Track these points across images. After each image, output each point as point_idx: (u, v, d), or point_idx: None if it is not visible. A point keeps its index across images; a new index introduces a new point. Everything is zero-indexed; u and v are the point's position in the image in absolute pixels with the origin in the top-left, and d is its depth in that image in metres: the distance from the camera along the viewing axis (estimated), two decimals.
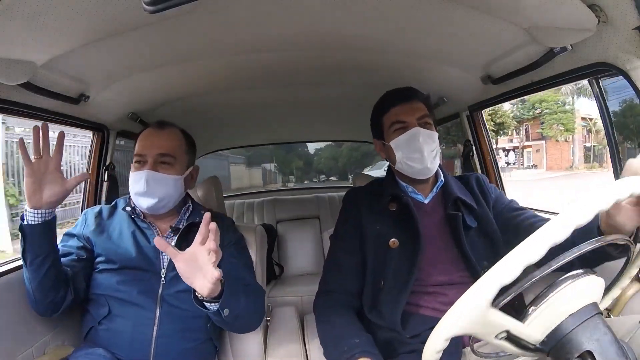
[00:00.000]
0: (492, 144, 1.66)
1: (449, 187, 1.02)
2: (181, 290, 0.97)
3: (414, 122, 0.99)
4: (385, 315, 0.93)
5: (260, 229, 1.29)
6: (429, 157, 0.98)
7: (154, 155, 1.00)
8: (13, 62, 0.81)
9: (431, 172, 1.01)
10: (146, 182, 0.97)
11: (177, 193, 1.04)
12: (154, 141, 1.02)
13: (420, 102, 1.01)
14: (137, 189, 0.99)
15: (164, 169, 1.01)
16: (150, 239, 1.01)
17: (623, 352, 0.42)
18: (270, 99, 1.72)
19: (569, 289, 0.44)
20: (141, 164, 1.01)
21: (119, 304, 0.95)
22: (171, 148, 1.03)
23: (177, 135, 1.07)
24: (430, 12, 0.89)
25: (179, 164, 1.03)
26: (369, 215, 1.02)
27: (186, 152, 1.07)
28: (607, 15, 0.73)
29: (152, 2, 0.54)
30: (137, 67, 1.12)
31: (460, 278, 0.94)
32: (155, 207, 1.00)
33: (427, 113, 1.01)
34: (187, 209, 1.10)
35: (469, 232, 0.96)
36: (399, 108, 1.01)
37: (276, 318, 1.31)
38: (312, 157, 9.66)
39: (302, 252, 2.34)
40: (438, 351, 0.43)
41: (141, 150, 1.01)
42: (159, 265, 1.00)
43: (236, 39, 1.01)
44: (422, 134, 0.98)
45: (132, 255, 0.98)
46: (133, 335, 0.93)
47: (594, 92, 1.06)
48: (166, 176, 1.00)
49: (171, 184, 1.01)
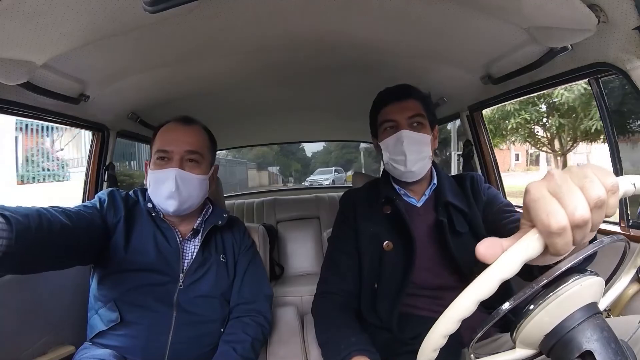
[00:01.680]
0: (492, 144, 1.66)
1: (442, 190, 1.01)
2: (198, 296, 0.95)
3: (404, 122, 0.98)
4: (382, 316, 0.93)
5: (262, 229, 1.29)
6: (413, 160, 0.96)
7: (182, 152, 0.92)
8: (13, 62, 0.81)
9: (416, 176, 0.99)
10: (175, 183, 0.90)
11: (202, 194, 0.98)
12: (180, 137, 0.94)
13: (414, 101, 1.00)
14: (165, 191, 0.90)
15: (190, 167, 0.94)
16: (170, 241, 0.95)
17: (623, 352, 0.41)
18: (271, 99, 1.72)
19: (569, 289, 0.44)
20: (165, 161, 0.92)
21: (133, 308, 0.90)
22: (199, 145, 0.96)
23: (203, 132, 1.01)
24: (430, 12, 0.89)
25: (205, 162, 0.98)
26: (364, 217, 1.02)
27: (210, 150, 1.02)
28: (607, 15, 0.73)
29: (152, 2, 0.54)
30: (137, 67, 1.11)
31: (454, 282, 0.94)
32: (182, 209, 0.93)
33: (419, 113, 0.99)
34: (207, 210, 1.06)
35: (460, 237, 0.95)
36: (390, 107, 1.00)
37: (276, 318, 1.31)
38: (309, 160, 12.01)
39: (302, 252, 2.34)
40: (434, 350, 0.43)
41: (166, 146, 0.92)
42: (178, 269, 0.95)
43: (236, 39, 1.01)
44: (407, 137, 0.96)
45: (152, 257, 0.92)
46: (148, 342, 0.88)
47: (594, 92, 1.06)
48: (194, 176, 0.93)
49: (199, 185, 0.95)
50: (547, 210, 0.34)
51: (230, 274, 1.02)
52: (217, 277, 0.99)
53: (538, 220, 0.35)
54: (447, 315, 0.40)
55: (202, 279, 0.97)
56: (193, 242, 0.99)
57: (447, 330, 0.40)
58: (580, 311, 0.43)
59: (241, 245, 1.06)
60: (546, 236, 0.35)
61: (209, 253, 1.00)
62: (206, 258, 0.99)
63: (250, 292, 1.03)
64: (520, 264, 0.36)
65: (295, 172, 11.04)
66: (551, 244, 0.35)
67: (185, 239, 0.99)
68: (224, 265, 1.01)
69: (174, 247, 0.95)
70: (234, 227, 1.08)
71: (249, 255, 1.06)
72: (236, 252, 1.05)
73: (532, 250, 0.36)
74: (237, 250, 1.05)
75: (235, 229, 1.09)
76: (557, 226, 0.33)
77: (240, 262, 1.05)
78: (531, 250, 0.36)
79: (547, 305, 0.44)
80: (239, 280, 1.03)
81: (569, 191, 0.34)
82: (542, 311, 0.44)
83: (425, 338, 0.42)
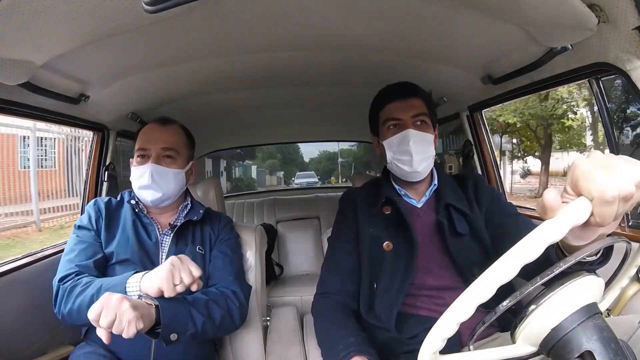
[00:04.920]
0: (492, 144, 1.66)
1: (443, 191, 1.00)
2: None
3: (408, 121, 0.96)
4: (381, 316, 0.93)
5: (260, 229, 1.29)
6: (419, 160, 0.95)
7: (158, 149, 1.03)
8: (13, 62, 0.81)
9: (420, 176, 0.98)
10: (150, 175, 1.00)
11: (179, 186, 1.07)
12: (157, 136, 1.05)
13: (418, 99, 0.99)
14: (141, 182, 1.01)
15: (167, 162, 1.04)
16: (151, 234, 1.03)
17: (623, 352, 0.42)
18: (271, 99, 1.72)
19: (569, 289, 0.44)
20: (144, 158, 1.03)
21: None
22: (174, 142, 1.06)
23: (179, 131, 1.10)
24: (430, 12, 0.89)
25: (181, 158, 1.07)
26: (364, 217, 1.02)
27: (187, 147, 1.11)
28: (607, 15, 0.73)
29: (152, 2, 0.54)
30: (137, 67, 1.12)
31: (454, 283, 0.93)
32: (158, 200, 1.02)
33: (424, 111, 0.98)
34: (185, 206, 1.11)
35: (461, 239, 0.95)
36: (394, 105, 0.99)
37: (276, 318, 1.32)
38: (306, 165, 16.17)
39: (302, 252, 2.35)
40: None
41: (145, 144, 1.04)
42: (157, 261, 1.00)
43: (236, 39, 1.01)
44: (414, 137, 0.95)
45: (135, 249, 0.99)
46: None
47: (594, 92, 1.06)
48: (169, 169, 1.03)
49: (174, 178, 1.04)
50: (602, 179, 0.38)
51: (207, 265, 1.06)
52: None
53: (593, 188, 0.38)
54: (483, 282, 0.40)
55: None
56: (170, 235, 1.05)
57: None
58: (580, 311, 0.43)
59: (218, 237, 1.10)
60: (598, 204, 0.38)
61: (184, 245, 1.04)
62: (180, 249, 1.02)
63: (222, 277, 1.03)
64: (568, 228, 0.38)
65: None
66: (600, 213, 0.38)
67: (163, 232, 1.06)
68: (201, 256, 1.05)
69: (154, 240, 1.03)
70: (214, 221, 1.13)
71: (222, 246, 1.08)
72: (212, 243, 1.09)
73: (580, 216, 0.38)
74: (213, 241, 1.09)
75: (215, 222, 1.13)
76: (611, 194, 0.37)
77: (213, 251, 1.08)
78: (579, 216, 0.38)
79: (547, 306, 0.44)
80: (211, 269, 1.05)
81: (619, 167, 0.38)
82: (542, 311, 0.44)
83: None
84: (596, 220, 0.39)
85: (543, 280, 0.42)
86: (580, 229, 0.41)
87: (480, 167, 1.63)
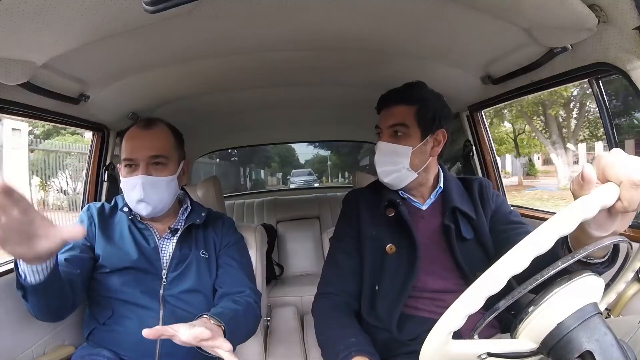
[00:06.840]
0: (492, 144, 1.66)
1: (449, 194, 0.99)
2: (183, 291, 0.97)
3: (385, 131, 0.98)
4: (382, 318, 0.92)
5: (260, 229, 1.29)
6: (384, 172, 0.97)
7: (146, 158, 0.96)
8: (13, 62, 0.81)
9: (393, 187, 0.99)
10: (142, 188, 0.94)
11: (172, 193, 1.02)
12: (143, 143, 0.97)
13: (405, 106, 0.96)
14: (135, 197, 0.96)
15: (157, 170, 0.97)
16: (149, 240, 1.00)
17: (623, 352, 0.42)
18: (271, 99, 1.72)
19: (569, 289, 0.44)
20: (132, 168, 0.97)
21: (123, 305, 0.94)
22: (162, 148, 0.99)
23: (166, 133, 1.02)
24: (430, 12, 0.89)
25: (171, 162, 1.00)
26: (367, 218, 1.02)
27: (176, 148, 1.04)
28: (607, 15, 0.73)
29: (152, 2, 0.54)
30: (137, 67, 1.11)
31: (456, 286, 0.93)
32: (154, 212, 0.98)
33: (401, 122, 0.95)
34: (185, 209, 1.08)
35: (466, 243, 0.95)
36: (381, 112, 1.01)
37: (276, 318, 1.32)
38: (303, 166, 17.55)
39: (302, 252, 2.35)
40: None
41: (131, 154, 0.97)
42: (159, 266, 0.99)
43: (236, 39, 1.01)
44: (380, 148, 0.98)
45: (133, 256, 0.97)
46: (139, 336, 0.87)
47: (594, 92, 1.05)
48: (161, 179, 0.97)
49: (167, 186, 0.99)
50: (629, 164, 0.41)
51: (212, 270, 1.04)
52: (199, 272, 1.01)
53: (621, 173, 0.41)
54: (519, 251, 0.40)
55: (184, 274, 0.99)
56: (171, 240, 1.03)
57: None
58: (580, 311, 0.43)
59: (222, 241, 1.08)
60: (627, 186, 0.41)
61: (188, 249, 1.02)
62: (185, 254, 1.01)
63: (237, 284, 1.03)
64: (599, 207, 0.40)
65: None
66: (627, 196, 0.41)
67: (163, 237, 1.03)
68: (206, 260, 1.04)
69: (153, 245, 1.00)
70: (216, 224, 1.10)
71: (231, 251, 1.07)
72: (217, 248, 1.07)
73: (610, 197, 0.41)
74: (217, 246, 1.07)
75: (219, 225, 1.10)
76: (638, 176, 0.40)
77: (221, 257, 1.06)
78: (608, 197, 0.41)
79: (548, 306, 0.44)
80: (224, 275, 1.04)
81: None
82: (543, 311, 0.44)
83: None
84: (623, 205, 0.41)
85: (550, 273, 0.42)
86: (604, 215, 0.44)
87: (480, 167, 1.63)
